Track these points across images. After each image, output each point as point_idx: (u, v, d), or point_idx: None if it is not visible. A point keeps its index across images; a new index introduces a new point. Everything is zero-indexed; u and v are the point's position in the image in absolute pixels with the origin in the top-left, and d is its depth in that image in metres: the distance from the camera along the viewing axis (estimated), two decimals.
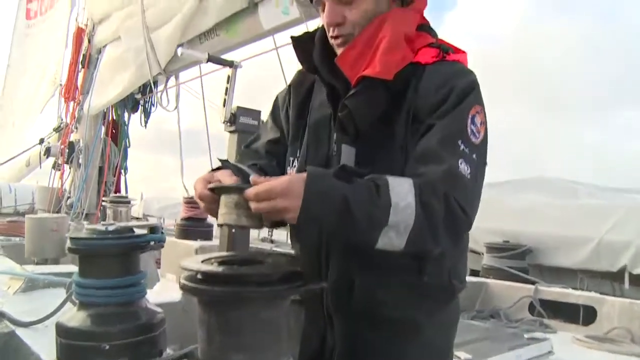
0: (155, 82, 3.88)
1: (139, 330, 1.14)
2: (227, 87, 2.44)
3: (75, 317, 1.16)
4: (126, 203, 2.40)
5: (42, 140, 5.15)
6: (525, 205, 4.85)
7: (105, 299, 1.16)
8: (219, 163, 1.35)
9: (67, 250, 1.23)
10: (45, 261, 2.80)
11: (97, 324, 1.12)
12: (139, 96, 4.38)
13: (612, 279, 3.56)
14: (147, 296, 1.26)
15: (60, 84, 5.07)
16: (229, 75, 2.45)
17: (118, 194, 3.90)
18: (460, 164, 1.14)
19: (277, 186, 1.03)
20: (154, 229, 1.25)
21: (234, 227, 1.30)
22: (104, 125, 4.69)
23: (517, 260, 4.86)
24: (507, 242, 5.18)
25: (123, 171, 4.73)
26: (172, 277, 3.21)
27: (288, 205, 1.02)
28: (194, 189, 1.27)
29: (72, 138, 4.66)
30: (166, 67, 3.67)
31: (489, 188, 5.44)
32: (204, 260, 0.96)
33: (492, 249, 5.08)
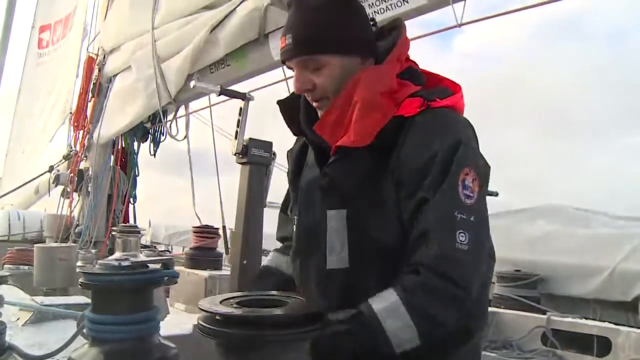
0: (164, 112, 3.91)
1: None
2: (239, 119, 2.46)
3: (87, 353, 1.15)
4: (136, 233, 2.39)
5: (51, 168, 5.17)
6: (536, 234, 4.81)
7: (118, 335, 1.15)
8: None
9: (80, 285, 1.22)
10: (54, 291, 2.78)
11: None
12: (148, 125, 4.40)
13: (625, 309, 3.51)
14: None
15: (71, 112, 5.12)
16: (241, 108, 2.47)
17: (127, 224, 3.90)
18: (458, 236, 1.14)
19: None
20: (167, 264, 1.24)
21: None
22: (113, 154, 4.70)
23: (528, 289, 4.79)
24: (519, 271, 5.12)
25: (132, 200, 4.73)
26: (182, 306, 3.19)
27: None
28: None
29: (82, 166, 4.68)
30: (176, 96, 3.69)
31: (500, 217, 5.42)
32: (222, 301, 0.94)
33: (503, 278, 5.01)
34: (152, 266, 1.23)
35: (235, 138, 2.43)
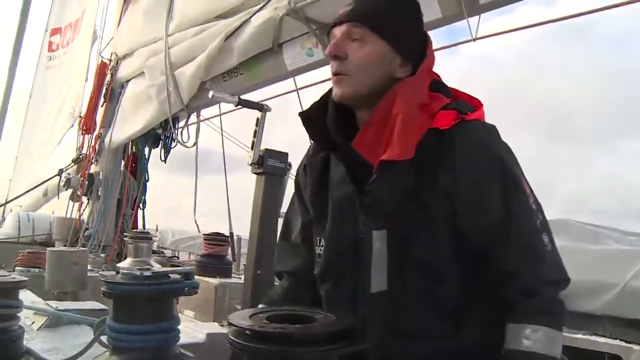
0: (176, 119, 3.92)
1: None
2: (255, 130, 2.47)
3: None
4: (148, 239, 2.39)
5: (61, 171, 5.19)
6: None
7: (139, 344, 1.16)
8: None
9: (102, 294, 1.23)
10: (65, 294, 2.79)
11: None
12: (160, 131, 4.42)
13: (637, 327, 3.49)
14: None
15: (80, 117, 5.14)
16: (257, 118, 2.48)
17: (138, 230, 3.90)
18: (544, 239, 1.22)
19: None
20: (188, 275, 1.25)
21: None
22: (123, 159, 4.72)
23: None
24: None
25: (141, 205, 4.74)
26: (191, 314, 3.19)
27: None
28: None
29: (92, 170, 4.70)
30: (189, 103, 3.71)
31: None
32: (252, 315, 0.95)
33: None
34: (172, 276, 1.24)
35: (252, 148, 2.44)
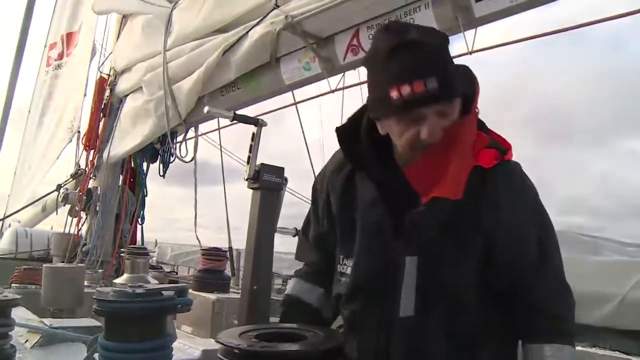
0: (174, 133, 3.92)
1: None
2: (251, 145, 2.45)
3: None
4: (145, 255, 2.39)
5: (59, 187, 5.18)
6: None
7: None
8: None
9: (93, 311, 1.22)
10: (61, 311, 2.77)
11: None
12: (158, 146, 4.42)
13: (636, 338, 3.47)
14: None
15: (78, 132, 5.13)
16: (253, 133, 2.47)
17: (136, 245, 3.89)
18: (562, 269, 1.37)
19: None
20: (181, 292, 1.24)
21: None
22: (122, 174, 4.72)
23: None
24: None
25: (140, 220, 4.73)
26: (188, 329, 3.16)
27: None
28: None
29: (90, 185, 4.69)
30: (186, 118, 3.71)
31: None
32: (241, 334, 0.94)
33: None
34: (165, 293, 1.23)
35: (248, 163, 2.43)
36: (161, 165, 4.54)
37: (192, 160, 4.14)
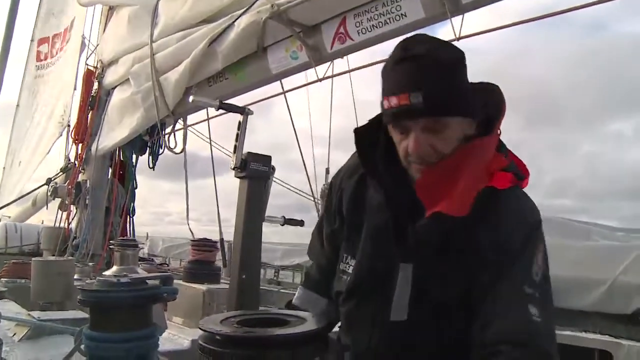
0: (163, 124, 3.90)
1: None
2: (237, 133, 2.44)
3: None
4: (134, 247, 2.37)
5: (49, 181, 5.16)
6: None
7: (116, 352, 1.14)
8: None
9: (78, 302, 1.21)
10: (51, 304, 2.76)
11: None
12: (146, 138, 4.40)
13: (626, 322, 3.49)
14: None
15: (68, 125, 5.10)
16: (239, 122, 2.46)
17: (125, 237, 3.87)
18: (530, 309, 1.16)
19: None
20: (166, 280, 1.23)
21: None
22: (111, 167, 4.69)
23: None
24: None
25: (130, 213, 4.71)
26: (180, 320, 3.17)
27: None
28: None
29: (80, 179, 4.66)
30: (174, 109, 3.69)
31: None
32: (223, 320, 0.93)
33: None
34: (150, 282, 1.22)
35: (234, 152, 2.41)
36: (150, 157, 4.52)
37: (182, 152, 4.12)
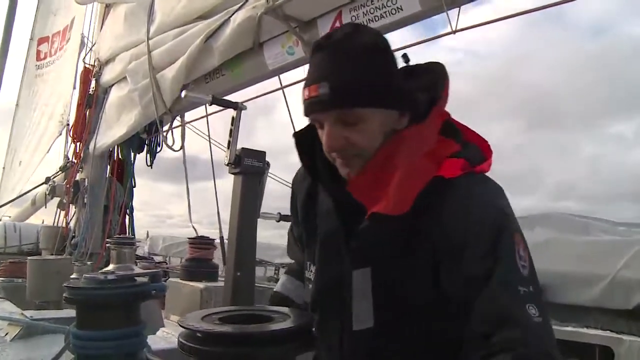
0: (160, 122, 3.88)
1: None
2: (231, 129, 2.42)
3: None
4: (130, 244, 2.36)
5: (48, 180, 5.15)
6: (536, 242, 4.71)
7: (104, 351, 1.12)
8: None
9: (64, 300, 1.19)
10: (47, 304, 2.75)
11: None
12: (144, 136, 4.38)
13: (627, 317, 3.47)
14: (150, 340, 1.22)
15: (68, 124, 5.10)
16: (233, 117, 2.43)
17: (122, 235, 3.85)
18: (529, 309, 1.06)
19: None
20: (155, 277, 1.21)
21: None
22: (109, 165, 4.68)
23: None
24: None
25: (128, 211, 4.70)
26: (177, 318, 3.15)
27: None
28: None
29: (78, 177, 4.66)
30: (172, 106, 3.67)
31: None
32: (204, 317, 0.91)
33: None
34: (139, 279, 1.21)
35: (228, 148, 2.39)
36: (148, 155, 4.50)
37: (180, 149, 4.10)
